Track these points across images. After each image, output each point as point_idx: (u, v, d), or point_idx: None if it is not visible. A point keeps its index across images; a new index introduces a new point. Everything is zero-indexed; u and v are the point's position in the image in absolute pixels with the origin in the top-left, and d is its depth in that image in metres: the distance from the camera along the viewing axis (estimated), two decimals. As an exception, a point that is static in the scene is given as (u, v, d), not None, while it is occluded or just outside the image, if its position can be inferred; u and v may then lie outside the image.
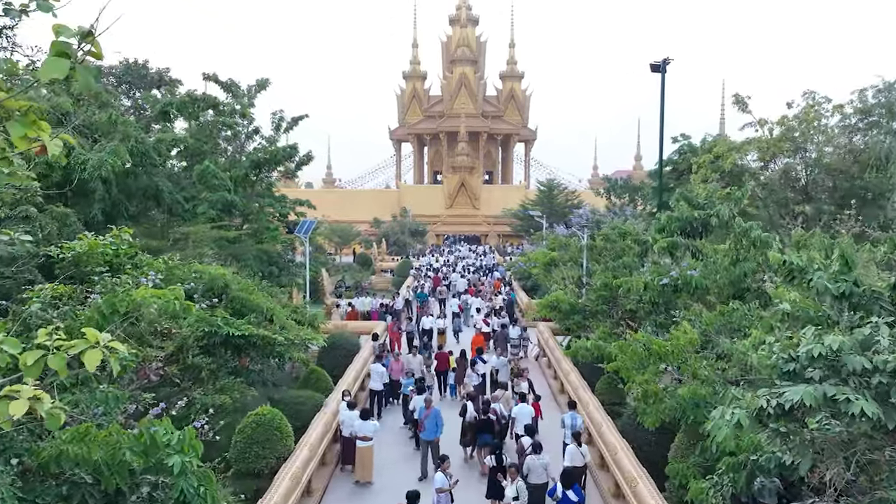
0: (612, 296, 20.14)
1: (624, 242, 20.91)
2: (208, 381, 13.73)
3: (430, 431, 13.41)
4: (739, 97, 27.50)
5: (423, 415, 13.41)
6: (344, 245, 63.18)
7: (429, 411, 13.45)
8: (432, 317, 24.32)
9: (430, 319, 23.91)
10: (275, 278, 23.80)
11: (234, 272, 18.56)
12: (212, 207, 21.82)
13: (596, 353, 16.00)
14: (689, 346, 11.84)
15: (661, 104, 22.05)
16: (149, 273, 9.75)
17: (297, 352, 15.47)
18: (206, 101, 23.06)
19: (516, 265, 35.72)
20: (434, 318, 23.99)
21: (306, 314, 19.39)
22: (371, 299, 29.27)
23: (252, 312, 15.83)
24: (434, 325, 23.43)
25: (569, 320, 19.78)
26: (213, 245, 19.54)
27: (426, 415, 13.31)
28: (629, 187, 53.98)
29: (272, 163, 23.90)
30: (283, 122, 23.85)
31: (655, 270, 15.79)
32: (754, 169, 28.31)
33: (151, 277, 9.50)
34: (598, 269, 20.50)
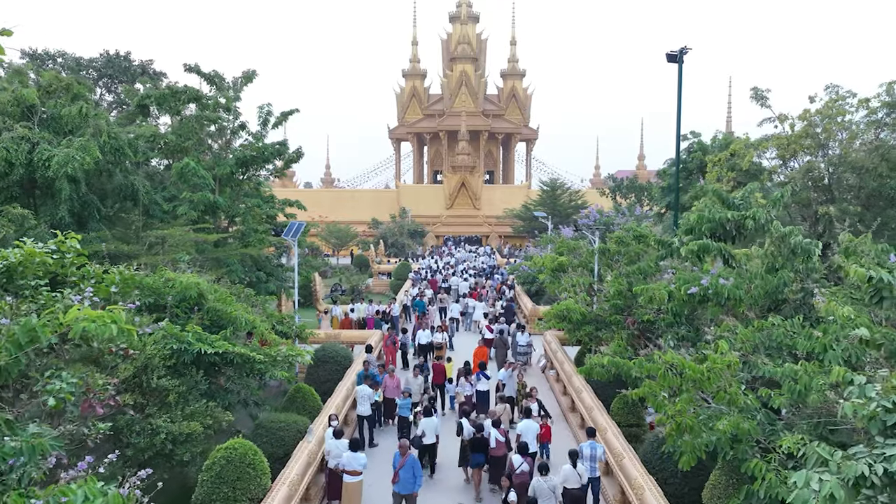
0: (627, 304, 18.52)
1: (639, 246, 19.24)
2: (176, 406, 12.10)
3: (405, 483, 11.23)
4: (759, 91, 25.85)
5: (397, 463, 11.24)
6: (341, 246, 61.52)
7: (404, 459, 11.21)
8: (430, 330, 22.41)
9: (427, 334, 21.90)
10: (262, 284, 22.19)
11: (214, 279, 16.97)
12: (193, 209, 20.21)
13: (614, 370, 14.35)
14: (729, 370, 10.18)
15: (678, 95, 20.46)
16: (85, 289, 8.04)
17: (279, 370, 13.86)
18: (187, 94, 21.43)
19: (520, 268, 34.02)
20: (431, 333, 22.04)
21: (293, 325, 17.78)
22: (367, 305, 27.61)
23: (230, 325, 14.23)
24: (431, 339, 21.73)
25: (579, 331, 18.13)
26: (192, 250, 17.88)
27: (401, 463, 11.14)
28: (635, 187, 52.32)
29: (260, 160, 22.24)
30: (270, 116, 22.18)
31: (681, 277, 14.11)
32: (773, 167, 26.65)
33: (88, 294, 7.82)
34: (612, 275, 18.84)
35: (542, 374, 21.84)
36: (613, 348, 16.20)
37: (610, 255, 20.00)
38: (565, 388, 18.69)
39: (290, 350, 14.25)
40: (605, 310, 18.54)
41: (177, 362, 12.67)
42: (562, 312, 17.90)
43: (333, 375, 18.39)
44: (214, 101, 21.36)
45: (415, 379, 15.65)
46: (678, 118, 20.55)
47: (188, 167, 19.50)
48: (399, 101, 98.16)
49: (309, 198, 78.85)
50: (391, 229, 59.88)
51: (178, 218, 19.82)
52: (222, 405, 13.54)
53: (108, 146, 18.02)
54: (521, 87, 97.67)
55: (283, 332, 17.39)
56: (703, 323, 15.50)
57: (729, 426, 9.49)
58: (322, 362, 18.63)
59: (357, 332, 23.36)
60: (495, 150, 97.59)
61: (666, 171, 39.56)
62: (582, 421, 16.09)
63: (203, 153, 22.22)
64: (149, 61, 28.82)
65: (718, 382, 10.27)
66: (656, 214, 39.72)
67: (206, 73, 21.80)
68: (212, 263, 19.12)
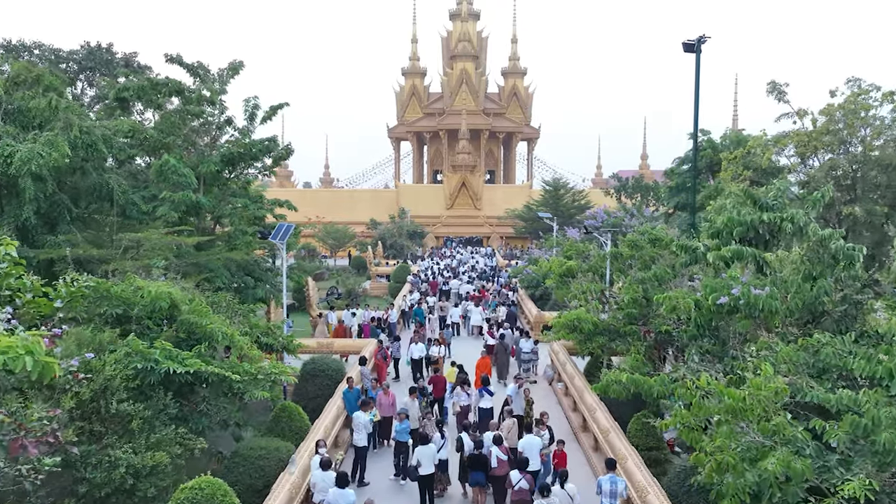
0: (643, 313, 17.10)
1: (654, 250, 17.80)
2: (140, 435, 10.66)
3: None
4: (776, 85, 24.39)
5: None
6: (339, 248, 60.11)
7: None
8: (425, 343, 20.21)
9: (420, 347, 19.65)
10: (250, 290, 20.76)
11: (191, 287, 15.53)
12: (174, 209, 18.77)
13: (633, 389, 12.92)
14: (776, 397, 8.74)
15: (695, 87, 19.02)
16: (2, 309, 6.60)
17: (260, 390, 12.43)
18: (169, 86, 19.99)
19: (523, 271, 32.54)
20: (424, 346, 19.80)
21: (280, 336, 16.34)
22: (363, 311, 26.18)
23: (206, 340, 12.80)
24: (424, 354, 19.67)
25: (591, 343, 16.70)
26: (170, 254, 16.44)
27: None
28: (641, 186, 50.93)
29: (247, 158, 20.81)
30: (257, 110, 20.73)
31: (708, 286, 12.67)
32: (793, 165, 25.20)
33: (5, 315, 6.37)
34: (626, 282, 17.41)
35: (549, 387, 20.40)
36: (630, 362, 14.79)
37: (622, 260, 18.57)
38: (575, 403, 17.25)
39: (272, 367, 12.82)
40: (618, 319, 17.12)
41: (142, 383, 11.23)
42: (572, 322, 16.46)
43: (324, 391, 16.95)
44: (198, 94, 19.91)
45: (412, 402, 14.09)
46: (696, 111, 19.16)
47: (168, 164, 18.07)
48: (398, 100, 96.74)
49: (306, 198, 77.75)
50: (390, 230, 58.43)
51: (158, 219, 18.39)
52: (195, 429, 12.11)
53: (80, 142, 16.59)
54: (523, 86, 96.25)
55: (268, 345, 15.97)
56: (729, 335, 14.10)
57: (779, 464, 8.05)
58: (312, 376, 17.19)
59: (351, 341, 21.90)
60: (496, 150, 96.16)
61: (674, 171, 38.13)
62: (595, 443, 14.66)
63: (187, 150, 20.78)
64: (132, 54, 27.39)
65: (762, 411, 8.84)
66: (664, 215, 38.29)
67: (188, 64, 20.37)
68: (193, 269, 17.69)
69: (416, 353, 19.67)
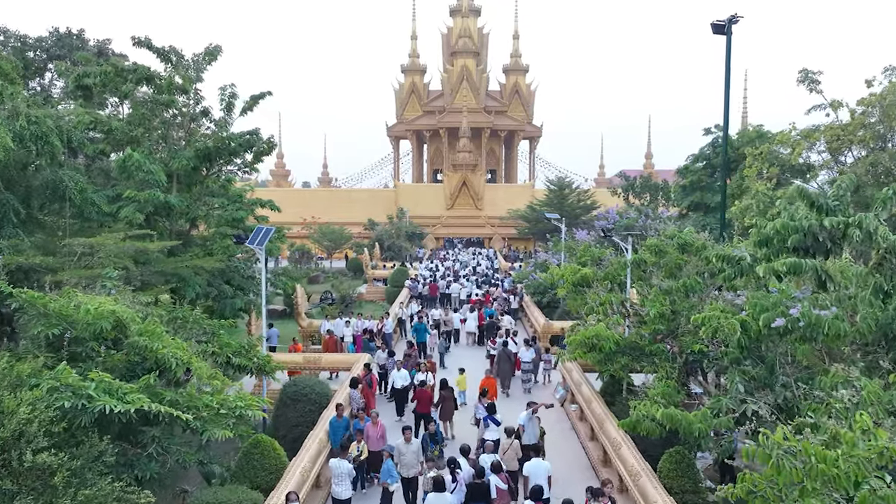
0: (670, 329, 15.01)
1: (681, 256, 15.69)
2: (65, 491, 8.57)
3: None
4: (809, 73, 22.30)
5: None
6: (335, 249, 58.01)
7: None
8: (410, 369, 17.31)
9: (404, 375, 16.90)
10: (228, 300, 18.67)
11: (148, 301, 13.45)
12: (140, 210, 16.66)
13: (669, 425, 10.85)
14: (880, 459, 6.65)
15: (726, 70, 16.92)
16: None
17: (221, 428, 10.34)
18: (137, 72, 17.89)
19: (529, 276, 30.40)
20: (408, 373, 17.01)
21: (255, 356, 14.24)
22: (356, 321, 24.06)
23: (158, 367, 10.73)
24: (409, 381, 16.90)
25: (612, 364, 14.60)
26: (129, 261, 14.35)
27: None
28: (649, 186, 48.82)
29: (226, 153, 18.71)
30: (234, 99, 18.63)
31: (757, 303, 10.59)
32: (825, 162, 23.11)
33: None
34: (650, 292, 15.32)
35: (561, 409, 18.31)
36: (662, 390, 12.69)
37: (644, 267, 16.47)
38: (593, 431, 15.16)
39: (237, 399, 10.71)
40: (642, 336, 15.03)
41: (71, 426, 9.15)
42: (589, 340, 14.34)
43: (307, 417, 14.86)
44: (168, 81, 17.81)
45: (407, 445, 11.84)
46: (726, 97, 17.07)
47: (131, 160, 15.99)
48: (398, 98, 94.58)
49: (302, 198, 75.70)
50: (388, 231, 56.27)
51: (121, 222, 16.31)
52: (143, 477, 10.02)
53: (29, 133, 14.49)
54: (525, 83, 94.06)
55: (241, 366, 13.88)
56: (776, 358, 12.01)
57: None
58: (293, 401, 15.09)
59: (341, 356, 19.78)
60: (497, 149, 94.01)
61: (688, 168, 36.06)
62: (620, 482, 12.57)
63: (158, 144, 18.70)
64: (105, 41, 25.29)
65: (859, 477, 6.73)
66: (680, 215, 36.20)
67: (158, 48, 18.27)
68: (158, 278, 15.60)
69: (400, 382, 16.89)
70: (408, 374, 16.83)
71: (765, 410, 11.07)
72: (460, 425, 16.67)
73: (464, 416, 16.94)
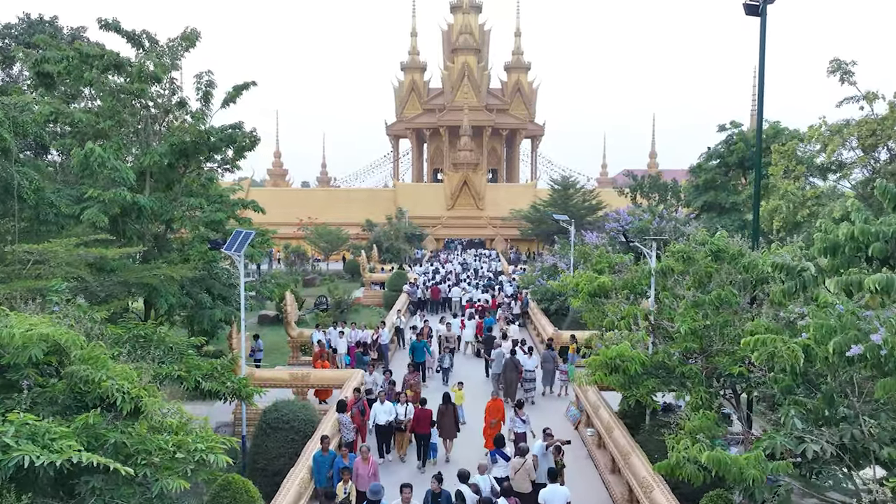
0: (703, 348, 13.19)
1: (712, 264, 13.87)
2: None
3: None
4: (841, 64, 20.47)
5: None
6: (332, 250, 56.20)
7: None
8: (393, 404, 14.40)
9: (388, 409, 14.13)
10: (206, 311, 16.87)
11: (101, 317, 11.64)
12: (105, 212, 14.85)
13: (716, 470, 9.05)
14: None
15: (760, 55, 15.09)
16: None
17: (175, 478, 8.54)
18: (104, 58, 16.08)
19: (536, 281, 28.54)
20: (392, 407, 14.27)
21: (229, 379, 12.43)
22: (350, 330, 22.26)
23: (103, 401, 8.93)
24: (394, 416, 14.22)
25: (639, 388, 12.79)
26: (85, 271, 12.54)
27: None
28: (658, 185, 46.95)
29: (204, 149, 16.92)
30: (212, 88, 16.81)
31: (822, 325, 8.78)
32: (860, 158, 21.28)
33: None
34: (680, 306, 13.51)
35: (574, 432, 16.51)
36: (700, 423, 10.88)
37: (671, 276, 14.65)
38: (614, 462, 13.37)
39: (198, 441, 8.91)
40: (670, 355, 13.22)
41: (-21, 483, 7.36)
42: (612, 361, 12.53)
43: (289, 447, 13.08)
44: (138, 69, 16.00)
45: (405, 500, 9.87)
46: (760, 83, 15.27)
47: (93, 155, 14.19)
48: (397, 96, 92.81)
49: (299, 197, 73.86)
50: (386, 232, 54.41)
51: (81, 225, 14.51)
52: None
53: (-27, 124, 12.72)
54: (527, 81, 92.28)
55: (212, 392, 12.09)
56: (835, 388, 10.21)
57: None
58: (273, 429, 13.29)
59: (333, 372, 17.94)
60: (499, 147, 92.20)
61: (702, 166, 34.26)
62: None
63: (128, 138, 16.91)
64: (80, 28, 23.50)
65: None
66: (695, 216, 34.40)
67: (128, 31, 16.49)
68: (121, 289, 13.80)
69: (384, 417, 14.12)
70: (392, 408, 14.20)
71: (828, 450, 9.32)
72: (461, 447, 15.21)
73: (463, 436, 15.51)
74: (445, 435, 14.58)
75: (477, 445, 14.91)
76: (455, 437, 14.86)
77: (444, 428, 14.52)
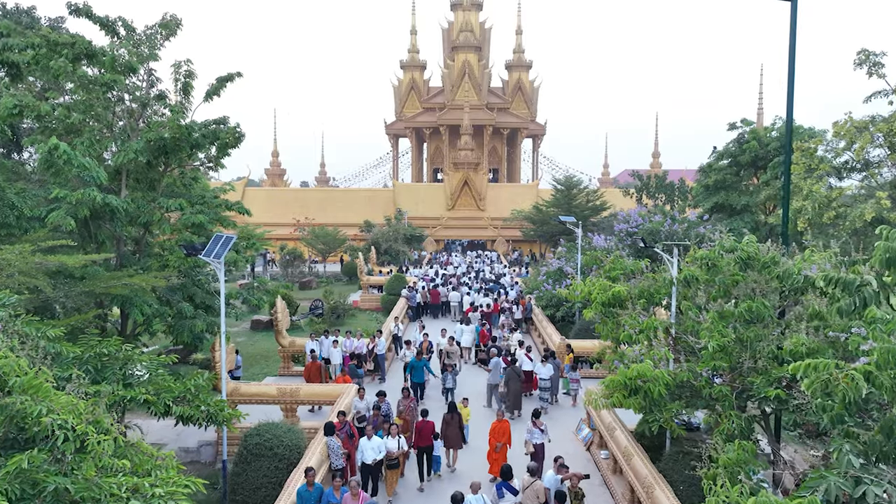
0: (733, 366, 11.87)
1: (740, 273, 12.54)
2: None
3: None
4: (870, 55, 19.16)
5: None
6: (329, 252, 54.88)
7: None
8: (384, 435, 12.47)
9: (377, 445, 12.08)
10: (186, 321, 15.55)
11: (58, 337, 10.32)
12: (72, 214, 13.52)
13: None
14: None
15: (791, 41, 13.79)
16: None
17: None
18: (75, 46, 14.75)
19: (541, 287, 27.20)
20: (382, 442, 12.21)
21: (205, 401, 11.15)
22: (345, 339, 20.93)
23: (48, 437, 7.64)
24: (383, 453, 12.20)
25: (662, 412, 11.47)
26: (43, 280, 11.22)
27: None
28: (665, 186, 45.71)
29: (185, 146, 15.58)
30: (191, 79, 15.47)
31: (891, 350, 7.48)
32: (892, 157, 19.95)
33: None
34: (707, 319, 12.19)
35: (585, 454, 15.20)
36: (738, 455, 9.56)
37: (694, 285, 13.32)
38: (633, 492, 12.05)
39: (156, 486, 7.59)
40: (696, 374, 11.91)
41: None
42: (632, 382, 11.22)
43: (273, 477, 11.79)
44: (110, 58, 14.67)
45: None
46: (790, 75, 13.96)
47: (58, 151, 12.85)
48: (396, 95, 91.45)
49: (296, 197, 72.47)
50: (385, 233, 53.06)
51: (46, 229, 13.19)
52: None
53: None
54: (528, 79, 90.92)
55: (185, 417, 10.78)
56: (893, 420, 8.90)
57: None
58: (255, 456, 11.98)
59: (324, 388, 16.59)
60: (500, 147, 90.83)
61: (712, 166, 32.93)
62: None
63: (101, 133, 15.58)
64: (59, 19, 22.22)
65: None
66: (699, 217, 33.04)
67: (101, 17, 15.16)
68: (87, 301, 12.47)
69: (371, 454, 12.08)
70: (382, 443, 12.25)
71: (894, 494, 8.02)
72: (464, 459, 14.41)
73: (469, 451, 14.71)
74: (451, 445, 13.99)
75: (483, 457, 13.99)
76: (461, 448, 14.30)
77: (449, 438, 13.90)
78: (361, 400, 14.33)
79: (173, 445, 15.78)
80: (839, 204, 19.41)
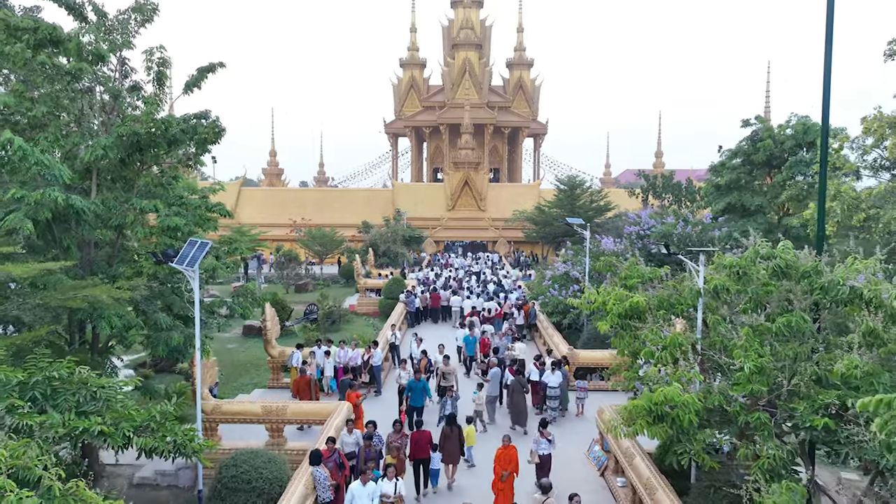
0: (771, 390, 10.52)
1: (774, 283, 11.19)
2: None
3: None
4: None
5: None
6: (326, 253, 53.50)
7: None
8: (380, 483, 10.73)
9: (371, 491, 10.34)
10: (162, 333, 14.19)
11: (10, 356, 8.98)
12: (31, 216, 12.16)
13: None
14: None
15: (826, 38, 12.49)
16: None
17: None
18: (38, 32, 13.38)
19: (547, 292, 25.81)
20: (377, 487, 10.52)
21: (173, 429, 9.80)
22: (338, 349, 19.58)
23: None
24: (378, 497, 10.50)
25: (693, 442, 10.12)
26: None
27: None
28: (672, 186, 44.35)
29: (162, 141, 14.21)
30: (165, 68, 14.11)
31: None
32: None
33: None
34: (742, 336, 10.82)
35: (600, 481, 13.85)
36: (786, 499, 8.21)
37: (724, 296, 11.96)
38: (656, 529, 10.70)
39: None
40: (729, 399, 10.55)
41: None
42: (658, 408, 9.87)
43: (252, 514, 10.40)
44: (76, 44, 13.32)
45: None
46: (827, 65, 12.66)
47: (13, 147, 11.50)
48: (396, 93, 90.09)
49: (294, 198, 71.05)
50: (383, 234, 51.68)
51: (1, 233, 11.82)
52: None
53: None
54: (529, 78, 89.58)
55: (148, 449, 9.43)
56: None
57: None
58: (230, 490, 10.64)
59: (313, 406, 15.19)
60: (501, 146, 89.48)
61: (725, 165, 31.53)
62: None
63: (68, 128, 14.23)
64: (34, 8, 20.90)
65: None
66: (713, 219, 31.66)
67: (67, 0, 13.80)
68: (42, 316, 11.11)
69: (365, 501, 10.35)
70: (377, 489, 10.53)
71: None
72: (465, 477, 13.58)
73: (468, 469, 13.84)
74: (449, 460, 13.22)
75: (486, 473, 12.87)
76: (459, 462, 13.62)
77: (448, 452, 13.10)
78: (350, 434, 12.77)
79: (149, 468, 14.45)
80: (868, 205, 18.06)
